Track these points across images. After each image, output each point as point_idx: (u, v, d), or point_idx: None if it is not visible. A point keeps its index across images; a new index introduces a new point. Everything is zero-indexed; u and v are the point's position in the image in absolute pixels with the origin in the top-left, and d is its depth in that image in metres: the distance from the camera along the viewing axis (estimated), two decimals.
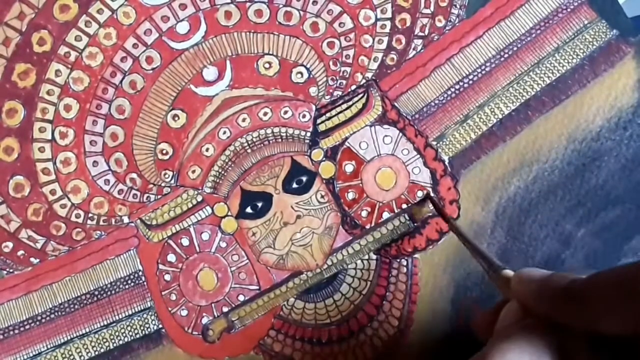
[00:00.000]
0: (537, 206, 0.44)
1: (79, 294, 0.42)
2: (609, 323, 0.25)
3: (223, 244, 0.43)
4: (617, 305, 0.25)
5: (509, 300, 0.32)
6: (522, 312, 0.30)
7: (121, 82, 0.41)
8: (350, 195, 0.43)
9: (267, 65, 0.43)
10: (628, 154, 0.44)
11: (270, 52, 0.43)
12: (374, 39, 0.44)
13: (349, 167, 0.43)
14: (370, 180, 0.43)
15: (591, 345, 0.27)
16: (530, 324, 0.28)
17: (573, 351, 0.27)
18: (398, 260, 0.43)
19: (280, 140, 0.43)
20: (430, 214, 0.43)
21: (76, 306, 0.42)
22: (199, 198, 0.43)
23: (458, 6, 0.44)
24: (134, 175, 0.42)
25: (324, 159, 0.43)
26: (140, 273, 0.42)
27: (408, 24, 0.44)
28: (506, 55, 0.44)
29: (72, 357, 0.42)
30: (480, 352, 0.28)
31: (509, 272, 0.33)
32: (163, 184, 0.42)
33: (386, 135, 0.44)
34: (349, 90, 0.44)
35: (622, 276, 0.25)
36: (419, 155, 0.44)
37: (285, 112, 0.43)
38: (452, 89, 0.44)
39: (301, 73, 0.43)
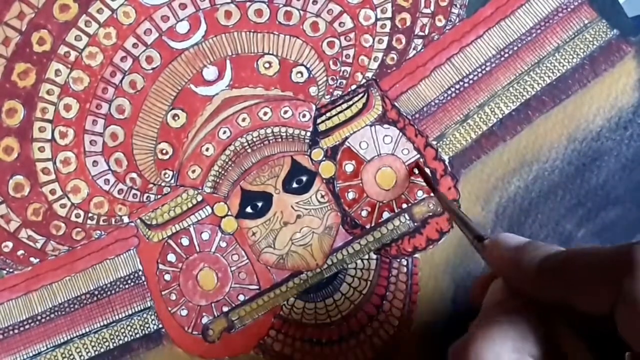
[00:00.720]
0: (537, 206, 0.44)
1: (78, 294, 0.42)
2: (580, 302, 0.25)
3: (223, 244, 0.42)
4: (590, 286, 0.25)
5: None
6: (508, 289, 0.30)
7: (121, 81, 0.41)
8: (351, 195, 0.43)
9: (267, 65, 0.43)
10: (628, 153, 0.44)
11: (270, 52, 0.43)
12: (374, 39, 0.44)
13: (349, 167, 0.43)
14: (371, 180, 0.43)
15: (578, 332, 0.27)
16: (516, 306, 0.28)
17: (560, 337, 0.27)
18: (398, 260, 0.43)
19: (280, 139, 0.43)
20: (431, 214, 0.43)
21: (76, 306, 0.42)
22: (199, 198, 0.42)
23: (458, 6, 0.44)
24: (134, 175, 0.42)
25: (324, 158, 0.43)
26: (140, 273, 0.42)
27: (408, 23, 0.44)
28: (506, 55, 0.44)
29: (72, 357, 0.42)
30: (467, 333, 0.28)
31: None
32: (163, 184, 0.42)
33: (386, 135, 0.43)
34: (349, 89, 0.44)
35: (597, 258, 0.25)
36: (419, 155, 0.44)
37: (285, 112, 0.43)
38: (453, 89, 0.44)
39: (301, 73, 0.43)
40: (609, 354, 0.25)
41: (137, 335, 0.42)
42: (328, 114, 0.43)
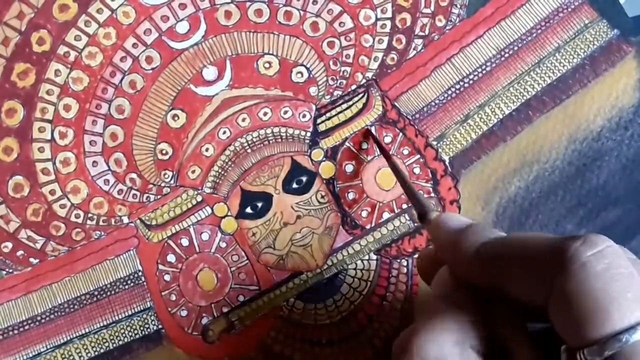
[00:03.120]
0: (537, 206, 0.44)
1: (78, 295, 0.42)
2: (515, 290, 0.26)
3: (223, 244, 0.42)
4: (525, 277, 0.25)
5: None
6: (454, 281, 0.30)
7: (121, 81, 0.41)
8: (351, 196, 0.43)
9: (267, 65, 0.43)
10: (629, 154, 0.44)
11: (270, 52, 0.43)
12: (374, 39, 0.43)
13: (349, 167, 0.43)
14: (371, 180, 0.43)
15: (522, 327, 0.27)
16: (460, 298, 0.28)
17: (503, 331, 0.27)
18: (398, 260, 0.43)
19: (280, 140, 0.43)
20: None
21: (76, 306, 0.42)
22: (199, 198, 0.42)
23: (458, 6, 0.44)
24: (134, 176, 0.42)
25: (324, 159, 0.43)
26: (140, 273, 0.42)
27: (408, 23, 0.44)
28: (507, 55, 0.44)
29: (71, 358, 0.42)
30: (411, 326, 0.28)
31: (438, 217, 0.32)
32: (163, 184, 0.42)
33: (386, 135, 0.43)
34: (349, 90, 0.44)
35: (534, 249, 0.25)
36: (419, 155, 0.44)
37: (285, 112, 0.43)
38: (453, 89, 0.44)
39: (301, 73, 0.43)
40: (552, 343, 0.25)
41: (137, 336, 0.42)
42: (328, 114, 0.43)
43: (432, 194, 0.43)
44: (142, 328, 0.42)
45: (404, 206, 0.43)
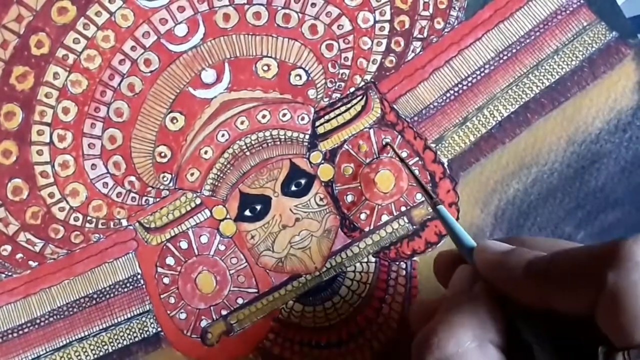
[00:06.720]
0: (536, 209, 0.44)
1: (77, 297, 0.42)
2: (565, 302, 0.26)
3: (222, 247, 0.42)
4: (574, 283, 0.25)
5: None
6: (473, 278, 0.31)
7: (119, 84, 0.41)
8: (349, 198, 0.43)
9: (265, 68, 0.43)
10: (627, 156, 0.44)
11: (269, 55, 0.43)
12: (372, 41, 0.43)
13: (347, 170, 0.43)
14: (369, 182, 0.43)
15: (537, 323, 0.27)
16: (479, 295, 0.29)
17: (519, 326, 0.27)
18: (397, 263, 0.43)
19: (278, 142, 0.43)
20: (430, 217, 0.43)
21: (75, 309, 0.42)
22: (198, 201, 0.42)
23: (457, 8, 0.44)
24: (133, 178, 0.42)
25: (322, 161, 0.43)
26: (139, 276, 0.42)
27: (407, 26, 0.44)
28: (505, 58, 0.44)
29: None
30: (430, 323, 0.28)
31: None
32: (161, 187, 0.42)
33: (385, 138, 0.43)
34: (348, 92, 0.44)
35: (582, 255, 0.26)
36: (417, 158, 0.44)
37: (284, 115, 0.43)
38: (451, 91, 0.44)
39: (300, 75, 0.43)
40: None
41: (136, 339, 0.42)
42: (327, 117, 0.43)
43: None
44: (141, 331, 0.42)
45: (403, 208, 0.43)
